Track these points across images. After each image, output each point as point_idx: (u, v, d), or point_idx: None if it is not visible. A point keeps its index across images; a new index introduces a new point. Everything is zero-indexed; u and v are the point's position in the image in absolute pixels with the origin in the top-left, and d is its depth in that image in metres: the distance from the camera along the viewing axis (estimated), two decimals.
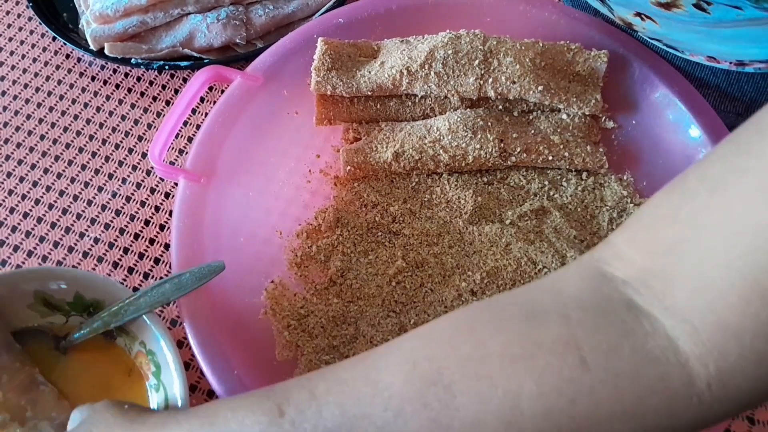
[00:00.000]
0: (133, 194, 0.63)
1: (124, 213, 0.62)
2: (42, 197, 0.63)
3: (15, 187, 0.64)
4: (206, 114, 0.60)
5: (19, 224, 0.62)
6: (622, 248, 0.33)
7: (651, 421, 0.30)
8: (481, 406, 0.30)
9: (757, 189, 0.28)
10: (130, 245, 0.60)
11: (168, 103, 0.69)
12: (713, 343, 0.28)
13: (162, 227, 0.61)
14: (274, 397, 0.35)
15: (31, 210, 0.62)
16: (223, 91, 0.59)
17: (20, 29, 0.74)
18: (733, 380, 0.29)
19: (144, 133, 0.67)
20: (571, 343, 0.30)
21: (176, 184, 0.55)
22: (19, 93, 0.69)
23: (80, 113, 0.68)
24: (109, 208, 0.62)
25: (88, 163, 0.65)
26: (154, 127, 0.67)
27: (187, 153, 0.59)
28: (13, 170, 0.65)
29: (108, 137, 0.66)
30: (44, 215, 0.62)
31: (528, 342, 0.31)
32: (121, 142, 0.66)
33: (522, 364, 0.30)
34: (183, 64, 0.68)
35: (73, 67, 0.71)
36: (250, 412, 0.35)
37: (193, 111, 0.68)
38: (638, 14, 0.51)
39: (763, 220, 0.27)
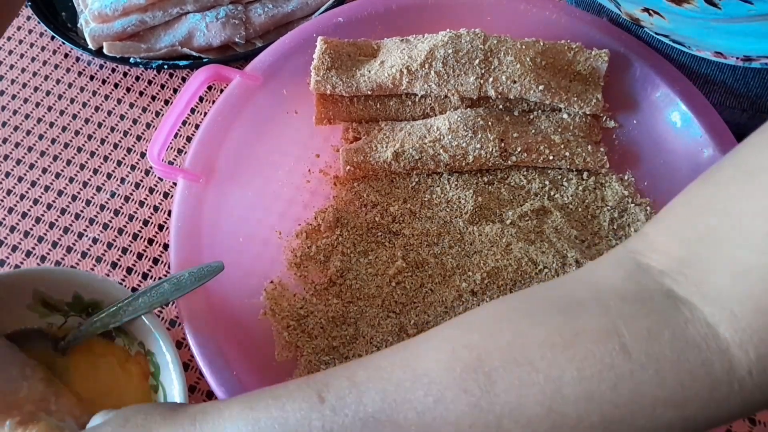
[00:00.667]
0: (131, 194, 0.63)
1: (122, 213, 0.62)
2: (40, 197, 0.63)
3: (13, 187, 0.63)
4: (205, 113, 0.60)
5: (17, 224, 0.61)
6: (657, 239, 0.33)
7: (694, 408, 0.30)
8: (523, 391, 0.31)
9: None
10: (129, 245, 0.60)
11: (167, 102, 0.68)
12: (753, 329, 0.28)
13: (161, 227, 0.61)
14: (314, 385, 0.35)
15: (29, 210, 0.62)
16: (222, 91, 0.59)
17: (19, 28, 0.73)
18: None
19: (143, 133, 0.67)
20: (612, 330, 0.30)
21: (175, 183, 0.55)
22: (18, 92, 0.69)
23: (79, 112, 0.68)
24: (108, 208, 0.62)
25: (86, 162, 0.65)
26: (153, 126, 0.67)
27: (186, 152, 0.59)
28: (12, 170, 0.64)
29: (106, 136, 0.66)
30: (43, 215, 0.62)
31: (568, 331, 0.31)
32: (120, 141, 0.66)
33: (563, 351, 0.31)
34: (182, 63, 0.68)
35: (72, 66, 0.71)
36: (290, 399, 0.34)
37: (192, 110, 0.68)
38: (646, 10, 0.51)
39: None
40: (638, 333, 0.30)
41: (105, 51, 0.68)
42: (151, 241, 0.60)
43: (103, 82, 0.70)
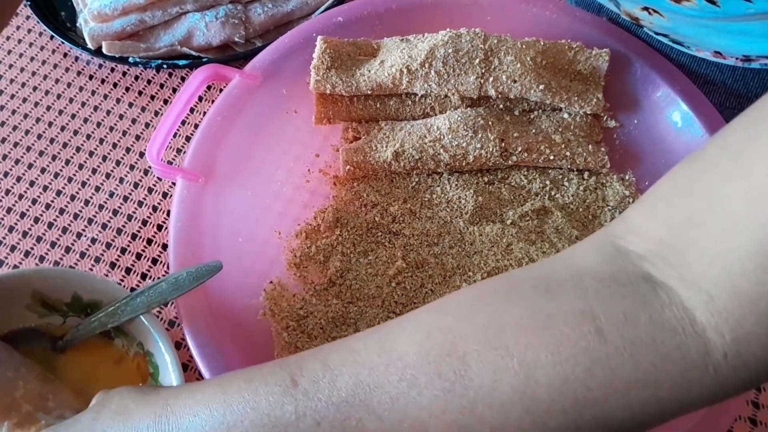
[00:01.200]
0: (130, 194, 0.63)
1: (121, 213, 0.62)
2: (39, 197, 0.63)
3: (12, 187, 0.63)
4: (204, 113, 0.60)
5: (16, 224, 0.61)
6: (638, 222, 0.33)
7: (667, 390, 0.30)
8: (496, 376, 0.30)
9: None
10: (128, 245, 0.60)
11: (166, 102, 0.68)
12: (729, 311, 0.28)
13: (160, 227, 0.61)
14: (288, 368, 0.34)
15: (28, 210, 0.62)
16: (221, 90, 0.59)
17: (18, 27, 0.73)
18: (749, 349, 0.28)
19: (142, 132, 0.66)
20: (587, 313, 0.30)
21: (174, 183, 0.55)
22: (17, 91, 0.69)
23: (78, 112, 0.68)
24: (107, 208, 0.62)
25: (85, 162, 0.65)
26: (152, 126, 0.67)
27: (185, 152, 0.59)
28: (10, 169, 0.64)
29: (105, 136, 0.66)
30: (41, 215, 0.62)
31: (544, 313, 0.31)
32: (119, 141, 0.66)
33: (537, 334, 0.30)
34: (181, 62, 0.68)
35: (71, 65, 0.71)
36: (263, 383, 0.34)
37: (192, 110, 0.67)
38: (645, 8, 0.50)
39: None
40: (614, 316, 0.30)
41: (104, 50, 0.68)
42: (150, 241, 0.60)
43: (102, 81, 0.70)
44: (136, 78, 0.69)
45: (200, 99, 0.68)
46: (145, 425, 0.36)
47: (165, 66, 0.68)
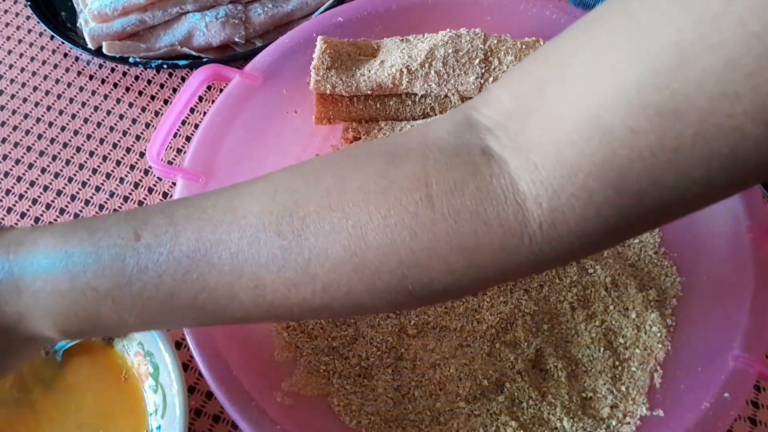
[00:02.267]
0: (131, 194, 0.63)
1: None
2: (39, 197, 0.63)
3: (13, 187, 0.63)
4: (205, 113, 0.60)
5: (17, 224, 0.61)
6: (495, 93, 0.33)
7: (487, 257, 0.30)
8: (331, 237, 0.31)
9: (626, 30, 0.27)
10: None
11: (166, 102, 0.68)
12: (549, 181, 0.29)
13: None
14: (133, 221, 0.34)
15: (28, 209, 0.62)
16: (221, 90, 0.59)
17: (18, 28, 0.73)
18: (563, 220, 0.29)
19: (142, 132, 0.66)
20: (422, 180, 0.31)
21: (174, 183, 0.55)
22: (17, 92, 0.69)
23: (78, 112, 0.68)
24: (107, 208, 0.62)
25: (85, 162, 0.65)
26: (152, 126, 0.67)
27: (185, 152, 0.59)
28: (11, 169, 0.64)
29: (106, 136, 0.66)
30: (42, 215, 0.62)
31: (384, 179, 0.32)
32: (119, 141, 0.66)
33: (374, 198, 0.31)
34: (181, 63, 0.68)
35: (71, 65, 0.71)
36: (106, 234, 0.34)
37: (192, 110, 0.67)
38: None
39: (621, 61, 0.27)
40: (445, 184, 0.30)
41: (104, 50, 0.68)
42: None
43: (103, 81, 0.70)
44: (137, 78, 0.70)
45: (200, 99, 0.68)
46: None
47: (165, 66, 0.68)
